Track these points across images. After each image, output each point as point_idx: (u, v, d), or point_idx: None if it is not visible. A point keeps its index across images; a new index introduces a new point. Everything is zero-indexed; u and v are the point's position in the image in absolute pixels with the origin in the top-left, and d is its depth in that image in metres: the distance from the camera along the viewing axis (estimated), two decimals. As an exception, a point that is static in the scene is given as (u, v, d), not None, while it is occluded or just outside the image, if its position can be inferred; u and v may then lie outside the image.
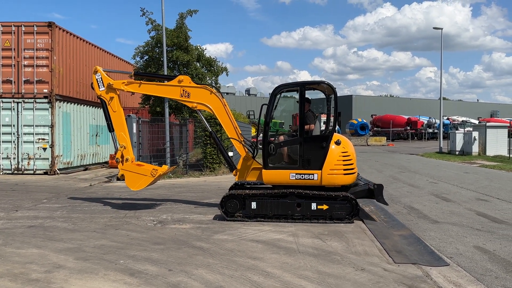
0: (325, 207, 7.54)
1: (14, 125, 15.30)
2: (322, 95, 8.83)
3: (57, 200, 10.08)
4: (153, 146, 15.53)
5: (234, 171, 8.48)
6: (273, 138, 8.34)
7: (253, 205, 7.68)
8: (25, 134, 15.28)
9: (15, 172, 15.27)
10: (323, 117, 9.28)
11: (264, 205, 7.67)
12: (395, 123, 51.07)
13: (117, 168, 9.10)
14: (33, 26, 15.32)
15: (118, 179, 12.92)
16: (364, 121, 51.06)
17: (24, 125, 15.28)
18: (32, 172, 15.26)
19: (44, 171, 15.24)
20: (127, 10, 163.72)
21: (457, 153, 25.47)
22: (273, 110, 7.99)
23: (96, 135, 18.49)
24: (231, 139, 8.59)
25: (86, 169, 17.24)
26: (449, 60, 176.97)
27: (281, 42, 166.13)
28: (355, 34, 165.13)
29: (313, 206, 7.57)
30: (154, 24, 17.66)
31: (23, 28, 15.33)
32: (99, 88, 9.02)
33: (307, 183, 7.69)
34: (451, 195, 10.88)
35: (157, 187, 12.02)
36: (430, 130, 51.11)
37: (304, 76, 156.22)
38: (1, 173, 15.28)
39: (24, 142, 15.28)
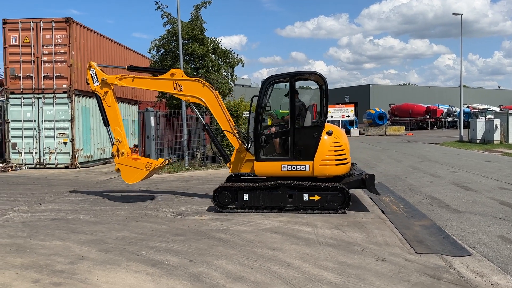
0: (317, 197, 7.51)
1: (35, 120, 15.61)
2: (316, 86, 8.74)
3: (78, 193, 10.27)
4: (171, 139, 15.65)
5: (228, 163, 8.50)
6: (268, 130, 8.31)
7: (245, 197, 7.69)
8: (46, 129, 15.57)
9: (37, 166, 15.61)
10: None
11: (256, 197, 7.67)
12: (413, 112, 50.20)
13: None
14: (51, 22, 15.53)
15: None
16: (382, 110, 50.34)
17: (44, 120, 15.57)
18: (53, 166, 15.58)
19: (65, 165, 15.54)
20: (143, 4, 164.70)
21: (478, 141, 24.96)
22: (267, 101, 8.01)
23: (115, 129, 18.68)
24: (224, 131, 8.56)
25: (106, 163, 17.49)
26: (468, 47, 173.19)
27: (295, 33, 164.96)
28: (370, 22, 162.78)
29: (305, 197, 7.54)
30: (169, 18, 17.72)
31: (42, 25, 15.55)
32: (94, 83, 9.15)
33: (299, 174, 7.68)
34: (473, 184, 10.69)
35: (176, 180, 12.13)
36: (450, 119, 50.16)
37: (319, 66, 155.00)
38: (24, 167, 15.64)
39: (45, 136, 15.59)
